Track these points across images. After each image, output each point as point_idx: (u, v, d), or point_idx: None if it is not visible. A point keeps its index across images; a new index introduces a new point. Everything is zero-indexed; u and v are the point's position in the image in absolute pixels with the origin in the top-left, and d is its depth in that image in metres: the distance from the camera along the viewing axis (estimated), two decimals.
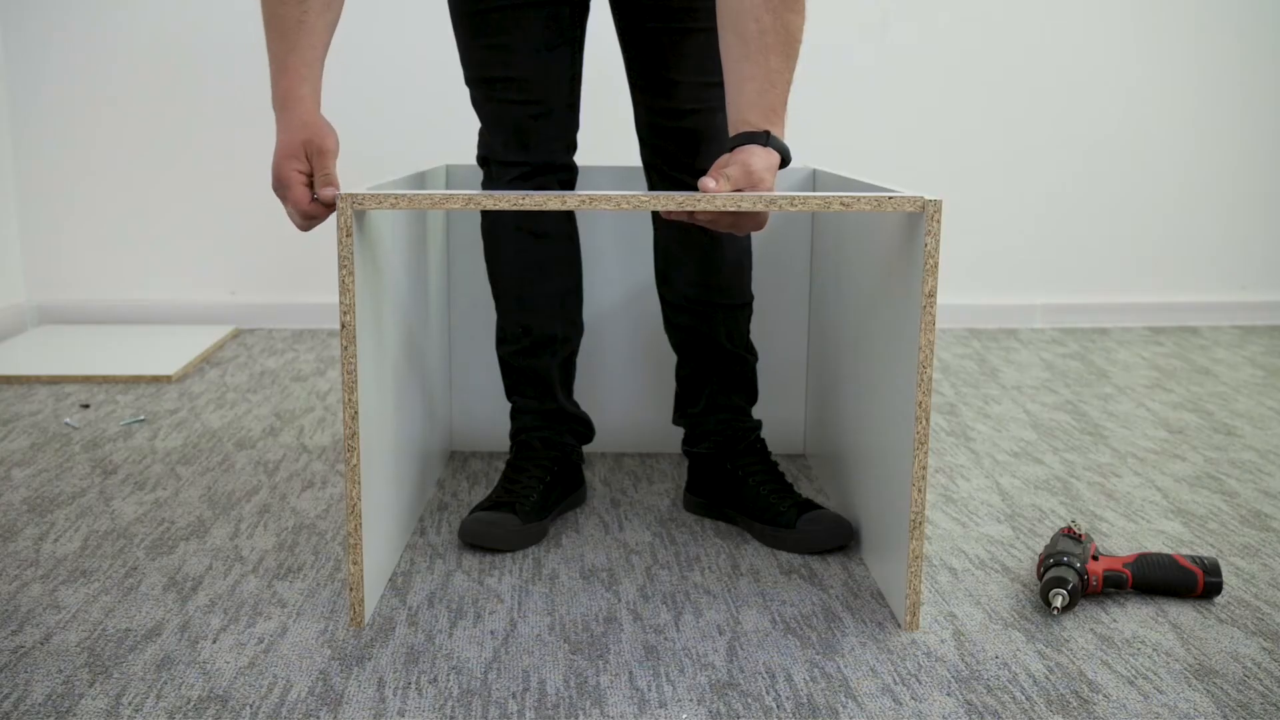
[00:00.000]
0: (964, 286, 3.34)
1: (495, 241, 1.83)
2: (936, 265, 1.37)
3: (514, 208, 1.38)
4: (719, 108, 1.72)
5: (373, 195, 1.37)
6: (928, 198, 1.39)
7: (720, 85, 1.67)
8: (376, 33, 3.18)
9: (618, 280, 2.10)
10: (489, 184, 1.78)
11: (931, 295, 1.38)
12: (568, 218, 1.85)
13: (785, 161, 1.50)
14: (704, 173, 1.74)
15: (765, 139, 1.47)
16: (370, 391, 1.48)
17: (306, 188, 1.44)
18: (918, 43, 3.28)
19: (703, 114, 1.73)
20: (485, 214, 1.82)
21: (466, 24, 1.73)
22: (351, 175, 3.08)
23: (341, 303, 1.39)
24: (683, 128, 1.74)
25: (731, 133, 1.50)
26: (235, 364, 2.86)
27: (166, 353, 2.87)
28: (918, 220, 1.40)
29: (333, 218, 1.56)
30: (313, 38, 1.47)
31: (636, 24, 1.73)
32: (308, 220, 1.45)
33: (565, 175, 1.78)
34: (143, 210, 3.25)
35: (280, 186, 1.44)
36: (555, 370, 1.86)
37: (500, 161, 1.75)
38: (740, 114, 1.49)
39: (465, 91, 1.78)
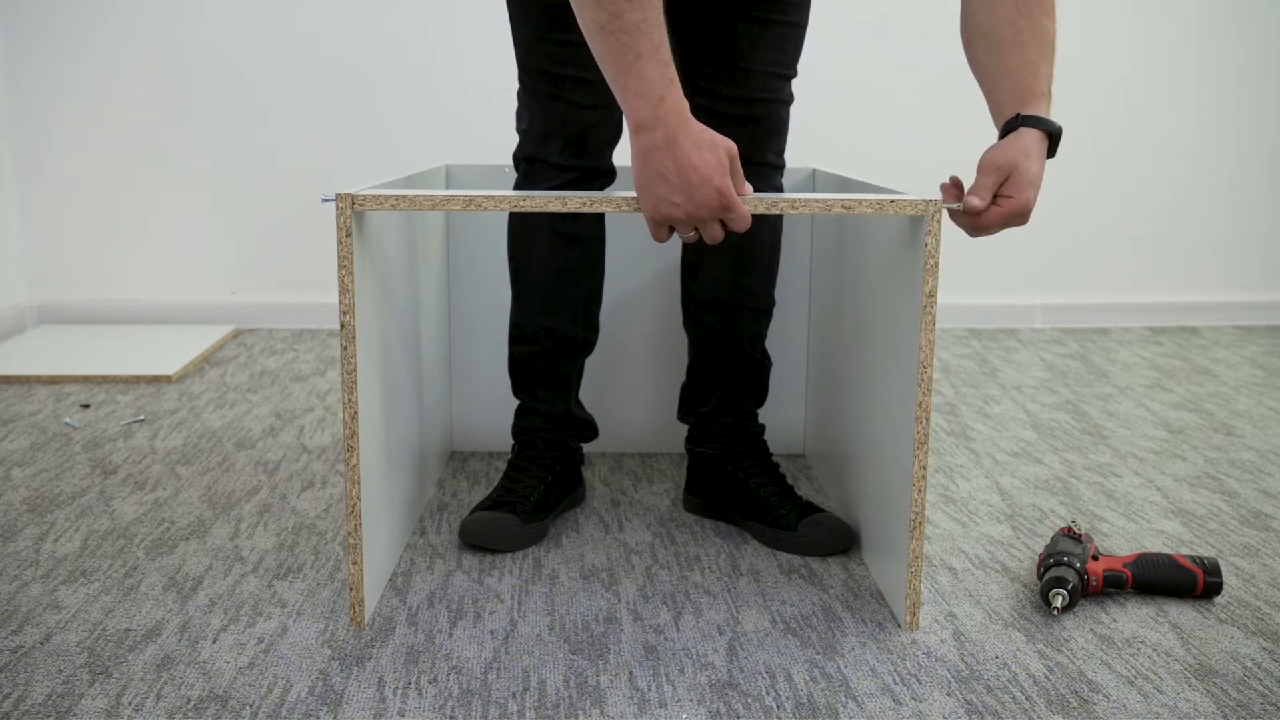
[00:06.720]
0: (964, 286, 3.34)
1: (526, 240, 1.78)
2: (937, 265, 1.37)
3: (514, 209, 1.39)
4: (788, 101, 1.71)
5: (373, 196, 1.37)
6: (928, 199, 1.39)
7: (789, 79, 1.67)
8: (377, 33, 3.18)
9: (619, 279, 2.09)
10: (528, 184, 1.72)
11: (932, 295, 1.38)
12: (600, 221, 1.80)
13: (1054, 138, 1.48)
14: (764, 165, 1.73)
15: (1018, 121, 1.44)
16: (370, 391, 1.48)
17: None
18: (918, 43, 3.27)
19: (771, 104, 1.71)
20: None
21: (539, 14, 1.64)
22: (351, 175, 3.10)
23: (341, 303, 1.39)
24: (750, 116, 1.69)
25: (1001, 133, 1.46)
26: (235, 364, 2.86)
27: (166, 353, 2.87)
28: (918, 221, 1.40)
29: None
30: (664, 32, 1.33)
31: (711, 6, 1.66)
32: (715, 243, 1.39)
33: (608, 180, 1.74)
34: (143, 210, 3.25)
35: (724, 208, 1.34)
36: (573, 374, 1.85)
37: (554, 165, 1.69)
38: (1000, 108, 1.47)
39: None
